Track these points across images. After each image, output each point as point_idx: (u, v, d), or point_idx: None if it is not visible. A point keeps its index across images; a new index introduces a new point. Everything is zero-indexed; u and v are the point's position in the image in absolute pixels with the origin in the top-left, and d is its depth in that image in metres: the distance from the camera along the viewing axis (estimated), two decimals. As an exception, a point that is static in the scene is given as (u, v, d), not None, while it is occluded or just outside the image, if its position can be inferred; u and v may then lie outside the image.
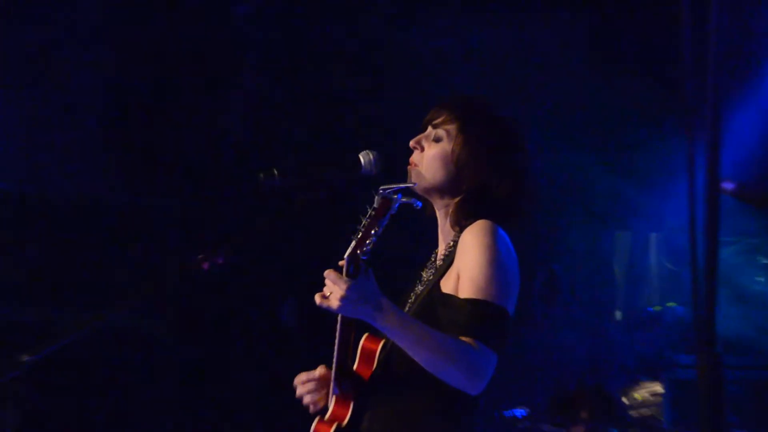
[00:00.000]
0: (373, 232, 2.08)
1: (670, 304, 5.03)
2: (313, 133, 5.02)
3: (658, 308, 5.04)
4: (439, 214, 2.29)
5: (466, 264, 2.11)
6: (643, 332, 4.97)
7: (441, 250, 2.28)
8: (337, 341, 2.14)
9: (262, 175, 2.21)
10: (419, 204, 2.17)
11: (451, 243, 2.22)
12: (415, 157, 2.28)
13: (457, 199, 2.24)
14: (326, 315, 2.10)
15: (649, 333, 4.96)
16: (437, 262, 2.27)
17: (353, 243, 2.09)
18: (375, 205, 2.12)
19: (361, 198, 2.16)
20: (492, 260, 2.09)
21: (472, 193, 2.22)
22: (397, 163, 2.30)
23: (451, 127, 2.27)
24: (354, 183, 2.23)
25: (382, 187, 2.14)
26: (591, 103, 5.01)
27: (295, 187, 2.22)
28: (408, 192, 2.20)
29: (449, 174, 2.24)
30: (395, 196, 2.12)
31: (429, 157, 2.25)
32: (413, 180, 2.25)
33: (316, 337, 3.05)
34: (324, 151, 4.87)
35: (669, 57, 4.57)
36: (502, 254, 2.12)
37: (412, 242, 2.80)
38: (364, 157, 2.24)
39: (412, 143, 2.30)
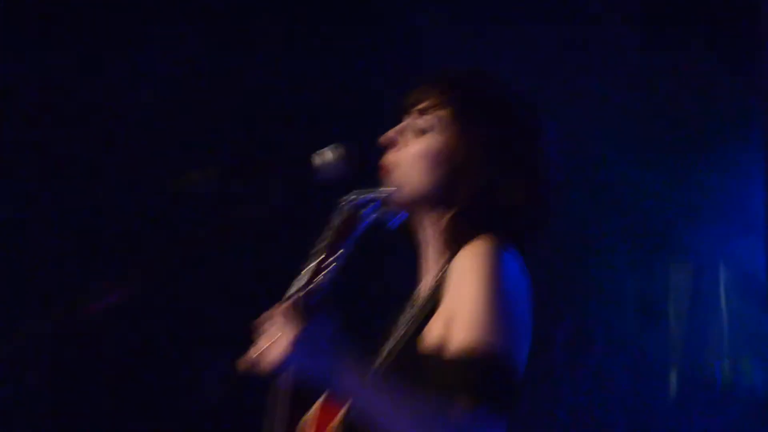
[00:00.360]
0: (332, 259, 2.10)
1: (746, 364, 5.07)
2: (255, 121, 5.03)
3: (727, 370, 5.08)
4: (426, 235, 2.31)
5: (458, 300, 2.11)
6: (707, 403, 5.00)
7: (427, 283, 2.30)
8: (277, 411, 2.14)
9: (184, 179, 2.22)
10: (397, 221, 2.19)
11: (440, 274, 2.23)
12: (391, 156, 2.30)
13: (451, 213, 2.26)
14: (263, 376, 2.09)
15: (715, 404, 4.99)
16: (420, 300, 2.28)
17: (305, 274, 2.10)
18: (335, 223, 2.13)
19: (319, 212, 2.17)
20: (493, 294, 2.09)
21: (472, 203, 2.23)
22: (370, 164, 2.31)
23: (443, 114, 2.28)
24: (310, 190, 2.24)
25: (345, 198, 2.16)
26: (640, 90, 5.05)
27: (229, 196, 2.23)
28: (382, 204, 2.21)
29: (440, 178, 2.25)
30: (364, 211, 2.13)
31: (412, 156, 2.27)
32: (389, 188, 2.26)
33: (248, 409, 3.05)
34: (270, 146, 4.87)
35: (741, 33, 4.65)
36: (508, 285, 2.12)
37: (387, 273, 2.82)
38: (324, 156, 2.25)
39: (385, 138, 2.31)
